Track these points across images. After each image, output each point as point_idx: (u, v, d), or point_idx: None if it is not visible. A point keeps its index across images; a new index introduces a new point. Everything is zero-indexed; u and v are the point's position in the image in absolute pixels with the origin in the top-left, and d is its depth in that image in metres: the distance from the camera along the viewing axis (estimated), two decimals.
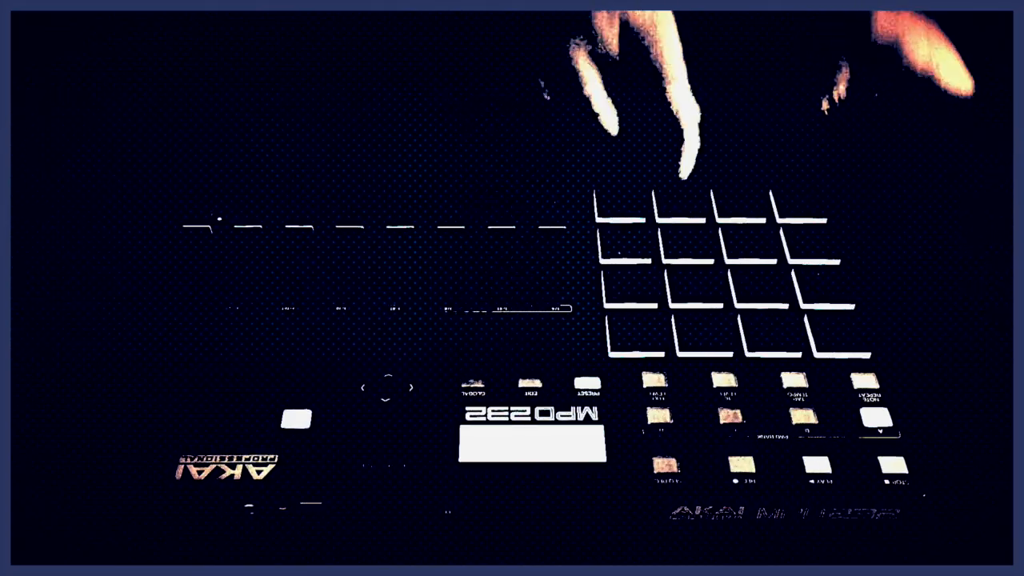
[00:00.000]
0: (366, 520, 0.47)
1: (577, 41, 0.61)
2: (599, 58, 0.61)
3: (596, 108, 0.61)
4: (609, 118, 0.62)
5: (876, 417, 0.50)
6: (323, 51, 0.70)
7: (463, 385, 0.51)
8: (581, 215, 0.60)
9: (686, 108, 0.60)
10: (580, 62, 0.61)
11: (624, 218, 0.59)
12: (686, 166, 0.60)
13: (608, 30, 0.59)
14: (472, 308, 0.54)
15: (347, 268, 0.56)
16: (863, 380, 0.51)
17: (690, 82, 0.60)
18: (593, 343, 0.53)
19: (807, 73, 0.63)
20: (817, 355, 0.52)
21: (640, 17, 0.59)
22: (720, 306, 0.55)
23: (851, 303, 0.55)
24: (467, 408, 0.50)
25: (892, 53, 0.61)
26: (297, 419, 0.49)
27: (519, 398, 0.50)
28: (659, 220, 0.59)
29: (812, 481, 0.47)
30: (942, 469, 0.48)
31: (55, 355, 0.52)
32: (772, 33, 0.65)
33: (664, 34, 0.59)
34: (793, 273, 0.56)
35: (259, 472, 0.47)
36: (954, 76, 0.61)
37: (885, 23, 0.61)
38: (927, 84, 0.61)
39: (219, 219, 0.59)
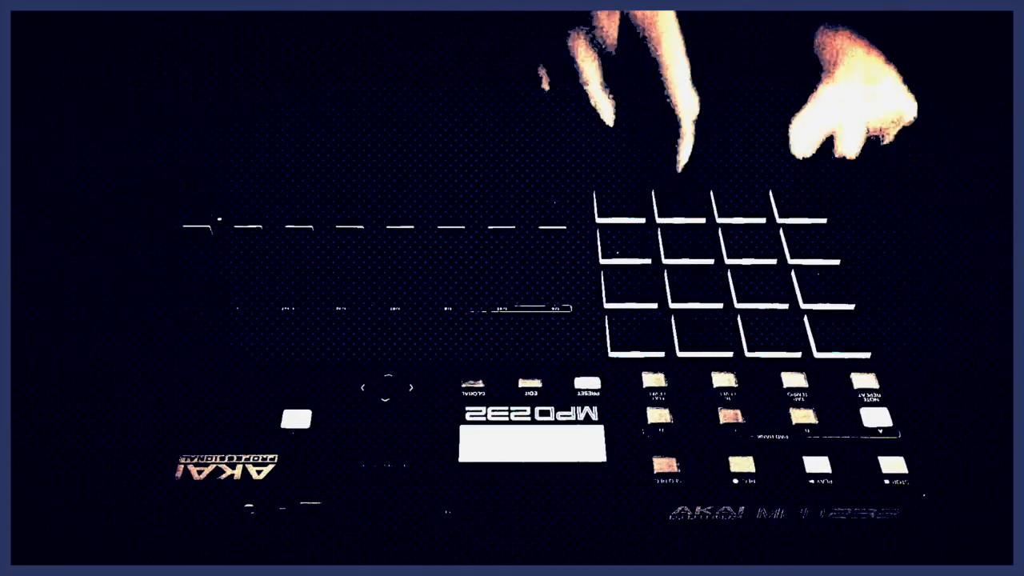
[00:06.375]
0: (366, 520, 0.47)
1: (576, 31, 0.60)
2: (598, 49, 0.60)
3: (593, 99, 0.61)
4: (606, 109, 0.61)
5: (876, 417, 0.49)
6: (323, 51, 0.70)
7: (463, 385, 0.51)
8: (581, 215, 0.60)
9: (684, 102, 0.59)
10: (579, 52, 0.60)
11: (624, 218, 0.59)
12: (682, 159, 0.60)
13: (608, 23, 0.59)
14: (472, 308, 0.54)
15: (347, 268, 0.56)
16: (863, 380, 0.51)
17: (691, 82, 0.60)
18: (593, 343, 0.53)
19: (807, 73, 0.63)
20: (817, 355, 0.52)
21: (641, 13, 0.58)
22: (720, 306, 0.55)
23: (851, 303, 0.55)
24: (467, 408, 0.50)
25: (828, 71, 0.61)
26: (297, 419, 0.49)
27: (519, 398, 0.50)
28: (659, 220, 0.59)
29: (812, 481, 0.47)
30: (942, 469, 0.48)
31: (55, 355, 0.52)
32: (772, 33, 0.65)
33: (665, 29, 0.58)
34: (793, 273, 0.56)
35: (259, 472, 0.47)
36: (890, 104, 0.60)
37: (822, 43, 0.61)
38: (862, 108, 0.60)
39: (219, 219, 0.59)
